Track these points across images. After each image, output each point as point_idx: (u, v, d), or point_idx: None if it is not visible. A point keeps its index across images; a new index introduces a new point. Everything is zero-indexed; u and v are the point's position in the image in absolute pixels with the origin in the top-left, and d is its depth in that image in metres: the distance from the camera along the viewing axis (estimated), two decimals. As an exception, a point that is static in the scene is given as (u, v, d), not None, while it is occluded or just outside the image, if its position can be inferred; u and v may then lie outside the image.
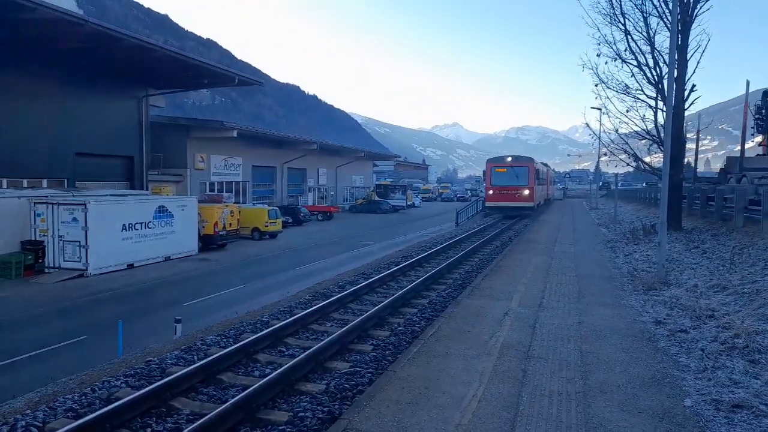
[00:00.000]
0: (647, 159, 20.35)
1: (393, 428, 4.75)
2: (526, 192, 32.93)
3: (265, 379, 6.17)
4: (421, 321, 9.59)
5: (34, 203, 18.44)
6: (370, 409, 5.12)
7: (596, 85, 20.20)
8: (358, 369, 7.06)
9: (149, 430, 5.50)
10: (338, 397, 6.10)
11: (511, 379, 5.95)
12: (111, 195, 21.41)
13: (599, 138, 25.30)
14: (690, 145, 30.83)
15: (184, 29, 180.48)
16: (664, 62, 19.19)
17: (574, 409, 5.21)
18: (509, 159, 34.59)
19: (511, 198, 32.91)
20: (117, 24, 19.04)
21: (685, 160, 30.04)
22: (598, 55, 19.97)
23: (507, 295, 10.25)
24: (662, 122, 19.18)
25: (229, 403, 5.52)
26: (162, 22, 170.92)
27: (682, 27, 19.10)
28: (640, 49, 19.15)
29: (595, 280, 11.92)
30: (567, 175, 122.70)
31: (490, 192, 33.80)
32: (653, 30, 19.54)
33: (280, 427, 5.30)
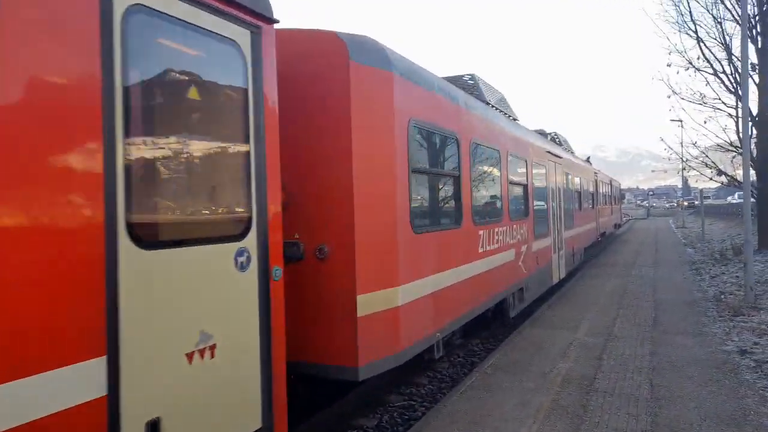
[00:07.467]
0: (731, 172, 18.86)
1: (437, 466, 4.61)
2: None
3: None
4: (481, 351, 9.31)
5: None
6: (415, 445, 5.00)
7: (668, 96, 19.23)
8: (412, 402, 6.94)
9: None
10: (389, 432, 6.02)
11: (569, 416, 5.60)
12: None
13: (679, 154, 23.86)
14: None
15: None
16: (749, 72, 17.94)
17: (637, 450, 4.81)
18: None
19: None
20: None
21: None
22: (669, 65, 19.04)
23: (573, 323, 9.73)
24: (749, 132, 17.77)
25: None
26: None
27: (763, 29, 17.84)
28: (715, 56, 18.05)
29: (675, 305, 11.05)
30: (651, 193, 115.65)
31: None
32: (729, 35, 18.39)
33: (328, 462, 5.31)
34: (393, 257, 5.31)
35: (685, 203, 68.01)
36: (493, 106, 9.29)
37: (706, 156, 18.63)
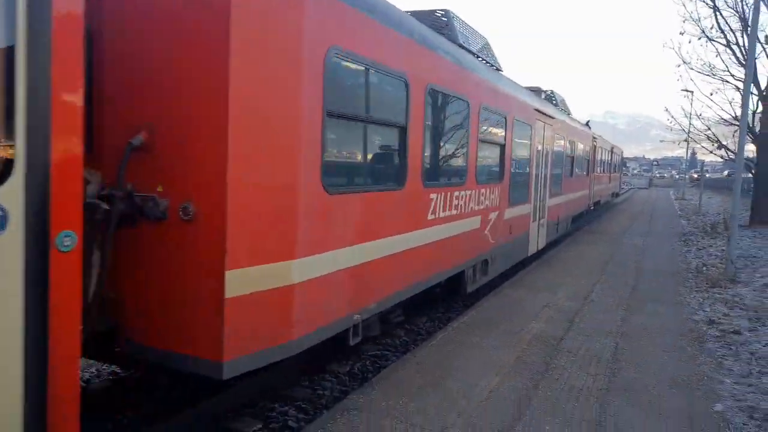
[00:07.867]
0: (733, 146, 18.72)
1: (397, 410, 4.84)
2: None
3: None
4: (460, 308, 9.56)
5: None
6: (378, 391, 5.24)
7: (678, 66, 18.92)
8: (386, 352, 7.21)
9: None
10: (359, 378, 6.28)
11: (530, 372, 5.82)
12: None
13: (683, 125, 23.56)
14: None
15: None
16: (758, 40, 17.47)
17: (590, 407, 5.04)
18: None
19: None
20: None
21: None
22: (682, 34, 18.61)
23: (553, 287, 9.93)
24: (754, 107, 17.51)
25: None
26: None
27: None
28: (730, 27, 17.57)
29: (657, 275, 11.23)
30: (656, 163, 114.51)
31: None
32: (748, 5, 17.82)
33: (296, 403, 5.57)
34: (289, 222, 4.14)
35: (696, 176, 67.31)
36: (468, 50, 7.92)
37: (708, 129, 18.49)
